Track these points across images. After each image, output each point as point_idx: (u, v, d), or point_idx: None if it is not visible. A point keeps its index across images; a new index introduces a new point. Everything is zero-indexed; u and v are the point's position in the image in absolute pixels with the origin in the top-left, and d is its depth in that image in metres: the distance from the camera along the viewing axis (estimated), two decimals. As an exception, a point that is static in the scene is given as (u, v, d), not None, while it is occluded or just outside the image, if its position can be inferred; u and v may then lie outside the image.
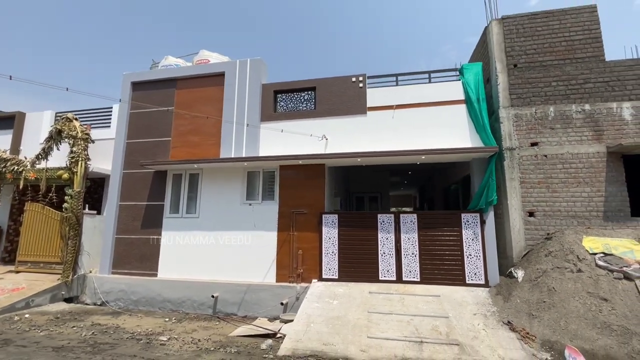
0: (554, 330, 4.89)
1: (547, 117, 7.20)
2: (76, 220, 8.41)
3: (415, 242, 6.89)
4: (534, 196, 6.99)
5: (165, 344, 5.33)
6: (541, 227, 6.85)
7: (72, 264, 8.25)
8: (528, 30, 7.65)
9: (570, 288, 5.42)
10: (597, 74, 7.17)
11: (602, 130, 6.94)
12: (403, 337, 5.04)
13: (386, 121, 7.55)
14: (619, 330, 4.58)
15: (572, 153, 6.97)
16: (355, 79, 7.83)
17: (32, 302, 7.42)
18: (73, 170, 8.55)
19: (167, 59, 9.71)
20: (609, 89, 7.07)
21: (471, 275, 6.57)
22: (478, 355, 4.58)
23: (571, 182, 6.89)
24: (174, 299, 7.63)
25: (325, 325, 5.49)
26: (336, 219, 7.33)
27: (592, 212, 6.72)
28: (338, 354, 4.74)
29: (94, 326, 6.23)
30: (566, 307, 5.14)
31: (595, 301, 5.08)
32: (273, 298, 7.16)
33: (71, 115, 9.13)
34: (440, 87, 7.53)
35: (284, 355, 4.78)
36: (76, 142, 8.72)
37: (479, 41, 8.79)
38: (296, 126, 7.91)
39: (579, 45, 7.36)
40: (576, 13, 7.50)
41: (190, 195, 8.37)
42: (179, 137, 8.65)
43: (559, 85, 7.29)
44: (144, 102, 9.00)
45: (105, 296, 8.06)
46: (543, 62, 7.46)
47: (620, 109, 6.94)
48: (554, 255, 6.10)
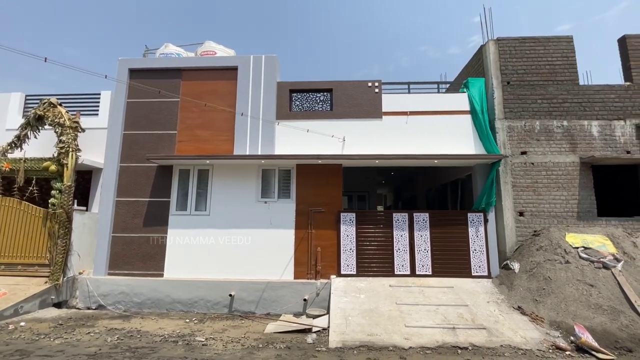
0: (557, 312, 5.80)
1: (534, 130, 8.31)
2: (67, 217, 7.62)
3: (427, 239, 7.53)
4: (524, 198, 8.04)
5: (206, 344, 5.22)
6: (529, 225, 7.93)
7: (62, 265, 7.49)
8: (519, 52, 8.70)
9: (562, 277, 6.43)
10: (572, 96, 8.44)
11: (577, 144, 8.21)
12: (436, 325, 5.58)
13: (400, 126, 8.08)
14: (608, 310, 5.62)
15: (554, 162, 8.14)
16: (370, 84, 8.21)
17: (20, 309, 6.62)
18: (62, 162, 7.72)
19: (168, 47, 9.17)
20: (582, 108, 8.38)
21: (476, 268, 7.38)
22: (504, 336, 5.29)
23: (552, 186, 8.06)
24: (185, 299, 7.36)
25: (362, 318, 5.83)
26: (354, 217, 7.68)
27: (568, 212, 7.95)
28: (385, 343, 5.11)
29: (112, 331, 5.82)
30: (563, 293, 6.11)
31: (585, 287, 6.12)
32: (293, 295, 7.29)
33: (55, 100, 8.20)
34: (448, 98, 8.26)
35: (337, 347, 5.02)
36: (64, 131, 7.87)
37: (473, 57, 9.73)
38: (312, 126, 8.07)
39: (559, 69, 8.59)
40: (557, 41, 8.72)
41: (199, 191, 8.08)
42: (186, 130, 8.28)
43: (543, 103, 8.44)
44: (144, 90, 8.44)
45: (103, 299, 7.47)
46: (530, 81, 8.56)
47: (590, 126, 8.28)
48: (544, 249, 7.13)
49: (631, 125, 8.22)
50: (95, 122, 8.93)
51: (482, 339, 5.22)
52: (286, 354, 4.82)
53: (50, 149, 8.32)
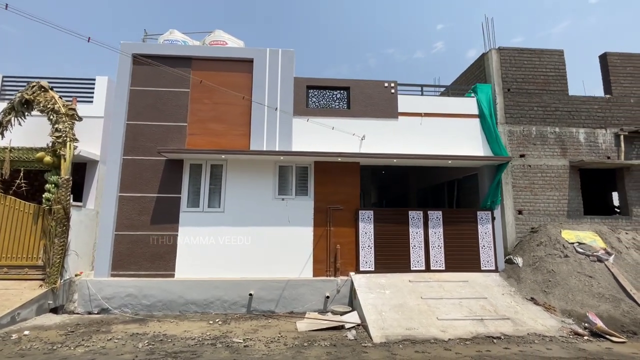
0: (566, 302, 6.39)
1: (531, 135, 9.00)
2: (64, 213, 6.92)
3: (441, 236, 7.88)
4: (522, 198, 8.70)
5: (247, 345, 5.06)
6: (527, 223, 8.60)
7: (60, 266, 6.80)
8: (518, 62, 9.36)
9: (565, 270, 7.08)
10: (563, 105, 9.26)
11: (567, 149, 9.03)
12: (465, 317, 5.90)
13: (415, 127, 8.34)
14: (610, 298, 6.30)
15: (547, 165, 8.89)
16: (387, 84, 8.38)
17: (17, 316, 5.92)
18: (60, 153, 6.98)
19: (173, 33, 8.64)
20: (571, 117, 9.23)
21: (485, 262, 7.86)
22: (527, 325, 5.73)
23: (547, 187, 8.80)
24: (200, 300, 7.03)
25: (395, 313, 5.98)
26: (372, 215, 7.82)
27: (559, 211, 8.73)
28: (425, 336, 5.31)
29: (134, 336, 5.42)
30: (568, 284, 6.74)
31: (586, 278, 6.80)
32: (313, 292, 7.26)
33: (46, 84, 7.39)
34: (459, 101, 8.67)
35: (381, 342, 5.12)
36: (60, 119, 7.13)
37: (473, 63, 10.29)
38: (329, 123, 8.06)
39: (552, 80, 9.37)
40: (550, 54, 9.50)
41: (212, 188, 7.74)
42: (198, 123, 7.87)
43: (538, 110, 9.17)
44: (148, 78, 7.90)
45: (107, 302, 6.90)
46: (528, 90, 9.25)
47: (578, 133, 9.14)
48: (544, 244, 7.79)
49: (611, 133, 9.21)
50: (89, 110, 8.20)
51: (510, 328, 5.61)
52: (336, 351, 4.83)
53: (36, 138, 7.52)
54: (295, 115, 8.10)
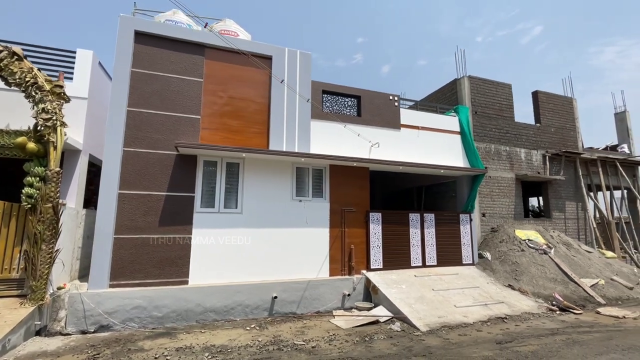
0: (533, 286, 8.12)
1: (491, 152, 10.95)
2: (54, 214, 5.65)
3: (433, 235, 9.01)
4: (485, 203, 10.53)
5: (315, 346, 5.11)
6: (488, 224, 10.46)
7: (47, 278, 5.55)
8: (482, 90, 11.26)
9: (524, 261, 8.93)
10: (511, 129, 11.51)
11: (513, 164, 11.27)
12: (473, 304, 7.01)
13: (413, 138, 9.31)
14: (561, 281, 8.25)
15: (502, 177, 10.95)
16: (391, 97, 9.15)
17: (8, 344, 4.66)
18: (49, 140, 5.68)
19: (177, 14, 7.77)
20: (515, 139, 11.53)
21: (465, 257, 9.29)
22: (517, 306, 7.14)
23: (501, 195, 10.83)
24: (220, 307, 6.60)
25: (420, 304, 6.73)
26: (380, 217, 8.46)
27: (509, 214, 10.86)
28: (456, 321, 6.18)
29: (183, 350, 4.88)
30: (530, 272, 8.54)
31: (540, 267, 8.72)
32: (332, 291, 7.53)
33: (19, 50, 5.93)
34: (447, 119, 9.99)
35: (427, 331, 5.78)
36: (45, 97, 5.81)
37: (445, 86, 11.90)
38: (342, 128, 8.42)
39: (504, 108, 11.55)
40: (503, 86, 11.68)
41: (227, 187, 7.30)
42: (212, 117, 7.31)
43: (495, 132, 11.20)
44: (154, 61, 7.03)
45: (109, 318, 5.91)
46: (488, 114, 11.22)
47: (520, 152, 11.48)
48: (505, 241, 9.63)
49: (540, 154, 11.83)
50: (68, 89, 6.80)
51: (508, 310, 6.93)
52: (398, 342, 5.29)
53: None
54: (313, 118, 8.20)
